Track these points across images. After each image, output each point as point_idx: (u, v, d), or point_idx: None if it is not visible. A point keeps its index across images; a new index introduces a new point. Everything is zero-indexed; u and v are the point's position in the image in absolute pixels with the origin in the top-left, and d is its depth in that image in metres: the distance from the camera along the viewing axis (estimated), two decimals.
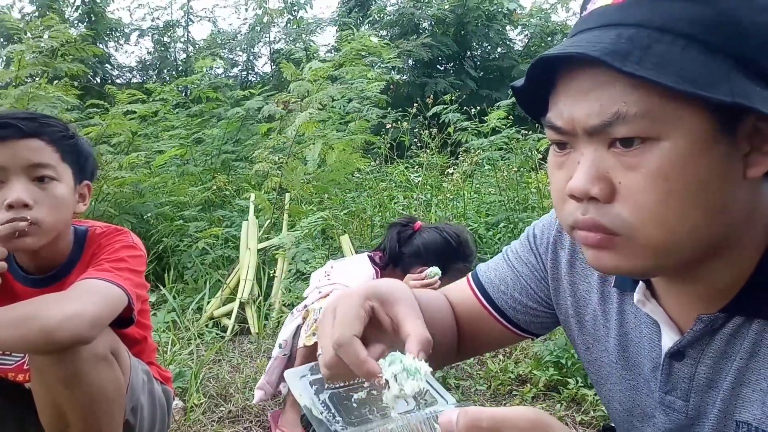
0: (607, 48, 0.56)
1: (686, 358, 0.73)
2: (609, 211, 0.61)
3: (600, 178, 0.61)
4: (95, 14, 10.37)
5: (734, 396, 0.69)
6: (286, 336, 1.95)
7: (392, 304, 0.69)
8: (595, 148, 0.61)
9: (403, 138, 5.71)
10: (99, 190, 3.67)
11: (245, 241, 3.35)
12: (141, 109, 4.50)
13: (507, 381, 2.27)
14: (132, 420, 1.34)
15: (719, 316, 0.68)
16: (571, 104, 0.62)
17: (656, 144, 0.58)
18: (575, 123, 0.61)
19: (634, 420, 0.84)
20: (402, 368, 0.62)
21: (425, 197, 4.50)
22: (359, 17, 11.45)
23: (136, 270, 1.31)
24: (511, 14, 11.56)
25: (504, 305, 0.94)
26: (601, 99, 0.59)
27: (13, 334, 1.06)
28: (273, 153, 4.03)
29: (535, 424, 0.52)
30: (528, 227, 0.98)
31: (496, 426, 0.51)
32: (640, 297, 0.76)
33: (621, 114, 0.57)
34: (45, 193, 1.24)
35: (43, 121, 1.27)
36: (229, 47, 11.75)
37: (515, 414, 0.52)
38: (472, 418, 0.51)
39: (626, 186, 0.60)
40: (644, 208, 0.59)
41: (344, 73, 4.75)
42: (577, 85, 0.61)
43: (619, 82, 0.57)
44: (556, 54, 0.59)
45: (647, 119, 0.57)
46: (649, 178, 0.58)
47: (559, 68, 0.63)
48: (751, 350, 0.67)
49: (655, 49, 0.56)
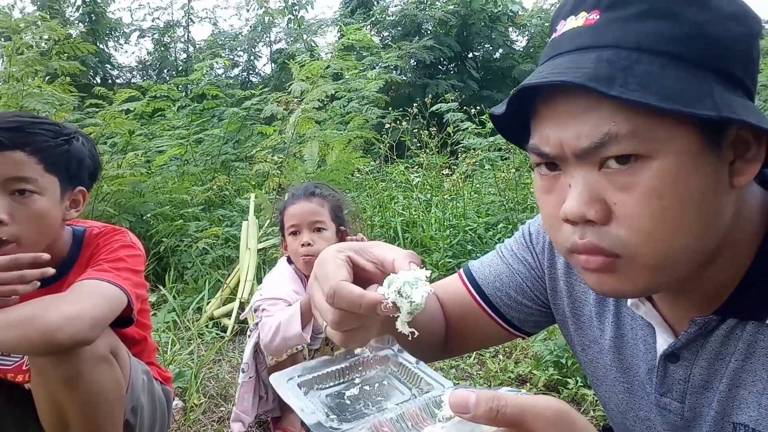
0: (589, 73, 0.56)
1: (681, 360, 0.73)
2: (607, 232, 0.60)
3: (595, 200, 0.60)
4: (96, 14, 10.38)
5: (730, 398, 0.69)
6: (247, 358, 1.92)
7: (368, 249, 0.67)
8: (586, 170, 0.61)
9: (403, 138, 5.71)
10: (98, 190, 3.67)
11: (245, 241, 3.35)
12: (139, 106, 4.48)
13: (507, 381, 2.27)
14: (132, 420, 1.34)
15: (713, 318, 0.68)
16: (557, 129, 0.61)
17: (648, 162, 0.57)
18: (564, 146, 0.61)
19: (628, 422, 0.84)
20: (402, 282, 0.59)
21: (425, 197, 4.50)
22: (361, 18, 11.44)
23: (134, 269, 1.31)
24: (515, 16, 11.58)
25: (498, 302, 0.93)
26: (589, 121, 0.58)
27: (13, 335, 1.06)
28: (273, 153, 4.03)
29: (561, 415, 0.48)
30: (522, 225, 0.97)
31: (520, 414, 0.47)
32: (634, 300, 0.76)
33: (611, 134, 0.57)
34: (24, 207, 1.21)
35: (29, 130, 1.22)
36: (230, 47, 11.76)
37: (540, 403, 0.48)
38: (497, 404, 0.47)
39: (622, 206, 0.59)
40: (641, 227, 0.59)
41: (335, 66, 4.73)
42: (562, 110, 0.61)
43: (605, 103, 0.57)
44: (539, 83, 0.59)
45: (637, 138, 0.57)
46: (643, 197, 0.58)
47: (541, 94, 0.62)
48: (746, 351, 0.67)
49: (636, 70, 0.56)
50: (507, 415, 0.47)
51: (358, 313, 0.59)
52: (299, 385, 0.65)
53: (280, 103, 4.57)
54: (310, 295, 0.66)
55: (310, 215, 1.91)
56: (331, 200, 1.98)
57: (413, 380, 0.64)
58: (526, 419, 0.47)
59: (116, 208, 3.85)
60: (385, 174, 5.51)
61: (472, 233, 3.91)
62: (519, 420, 0.47)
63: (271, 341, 1.80)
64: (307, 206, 1.93)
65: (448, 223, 4.00)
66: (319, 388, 0.65)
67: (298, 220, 1.91)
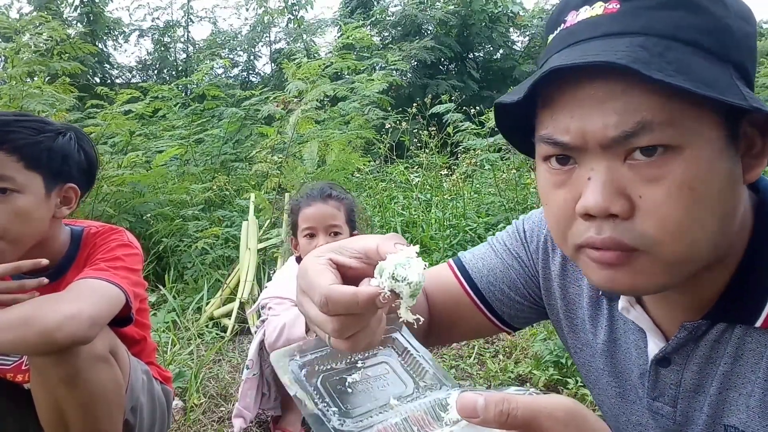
0: (629, 55, 0.53)
1: (672, 365, 0.72)
2: (630, 227, 0.57)
3: (619, 193, 0.57)
4: (94, 14, 10.37)
5: (721, 400, 0.68)
6: (251, 355, 1.92)
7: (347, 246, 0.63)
8: (610, 161, 0.57)
9: (403, 138, 5.71)
10: (98, 190, 3.67)
11: (245, 241, 3.35)
12: (139, 107, 4.48)
13: (507, 381, 2.27)
14: (131, 419, 1.34)
15: (702, 323, 0.68)
16: (579, 117, 0.58)
17: (679, 153, 0.55)
18: (587, 136, 0.57)
19: (621, 426, 0.83)
20: (393, 266, 0.55)
21: (425, 197, 4.50)
22: (361, 18, 11.45)
23: (132, 268, 1.31)
24: (515, 17, 11.58)
25: (491, 297, 0.92)
26: (619, 109, 0.55)
27: (11, 336, 1.06)
28: (272, 153, 4.03)
29: (573, 414, 0.47)
30: (516, 221, 0.96)
31: (532, 415, 0.45)
32: (624, 304, 0.75)
33: (645, 123, 0.54)
34: (4, 206, 1.20)
35: (7, 129, 1.21)
36: (230, 47, 11.76)
37: (552, 403, 0.47)
38: (507, 406, 0.45)
39: (649, 200, 0.57)
40: (669, 220, 0.56)
41: (334, 66, 4.73)
42: (587, 95, 0.57)
43: (637, 89, 0.54)
44: (577, 63, 0.55)
45: (672, 127, 0.54)
46: (674, 189, 0.56)
47: (559, 80, 0.59)
48: (734, 354, 0.67)
49: (668, 56, 0.54)
50: (518, 418, 0.45)
51: (357, 315, 0.55)
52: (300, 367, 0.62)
53: (278, 103, 4.56)
54: (303, 313, 0.61)
55: (327, 219, 1.88)
56: (346, 203, 1.96)
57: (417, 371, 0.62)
58: (539, 421, 0.45)
59: (116, 208, 3.84)
60: (385, 174, 5.51)
61: (472, 233, 3.91)
62: (531, 422, 0.45)
63: (276, 341, 1.80)
64: (323, 209, 1.90)
65: (448, 223, 4.00)
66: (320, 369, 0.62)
67: (315, 223, 1.88)
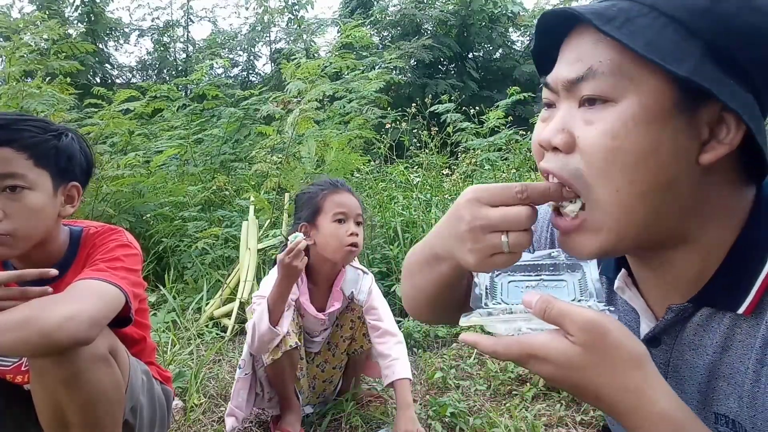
0: (596, 11, 0.62)
1: (662, 345, 0.76)
2: (566, 161, 0.66)
3: (563, 130, 0.66)
4: (95, 14, 10.37)
5: (711, 389, 0.71)
6: (244, 355, 1.92)
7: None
8: (569, 105, 0.67)
9: (402, 138, 5.70)
10: (98, 190, 3.67)
11: (245, 241, 3.35)
12: (138, 106, 4.48)
13: (507, 381, 2.27)
14: (131, 420, 1.34)
15: (688, 306, 0.71)
16: (559, 63, 0.68)
17: (613, 105, 0.63)
18: (557, 80, 0.67)
19: None
20: None
21: (425, 197, 4.50)
22: (361, 18, 11.45)
23: (132, 269, 1.31)
24: (515, 17, 11.58)
25: None
26: (582, 57, 0.65)
27: (11, 337, 1.06)
28: (271, 153, 4.03)
29: (594, 323, 0.60)
30: None
31: (560, 315, 0.61)
32: (620, 284, 0.79)
33: (593, 70, 0.63)
34: (17, 203, 1.21)
35: (15, 127, 1.22)
36: (230, 47, 11.76)
37: (578, 311, 0.61)
38: (545, 305, 0.62)
39: (582, 139, 0.64)
40: (594, 163, 0.64)
41: (334, 65, 4.73)
42: (569, 48, 0.67)
43: (602, 44, 0.63)
44: (552, 10, 0.68)
45: (611, 80, 0.62)
46: (600, 134, 0.63)
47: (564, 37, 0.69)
48: (723, 344, 0.69)
49: (637, 22, 0.61)
50: (551, 316, 0.62)
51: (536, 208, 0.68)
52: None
53: (277, 102, 4.55)
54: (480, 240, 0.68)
55: (357, 208, 1.93)
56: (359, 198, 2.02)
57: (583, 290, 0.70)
58: (563, 321, 0.61)
59: (116, 208, 3.84)
60: (384, 174, 5.51)
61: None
62: (559, 321, 0.62)
63: (252, 342, 1.79)
64: (352, 199, 1.94)
65: None
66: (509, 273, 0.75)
67: (347, 209, 1.90)
